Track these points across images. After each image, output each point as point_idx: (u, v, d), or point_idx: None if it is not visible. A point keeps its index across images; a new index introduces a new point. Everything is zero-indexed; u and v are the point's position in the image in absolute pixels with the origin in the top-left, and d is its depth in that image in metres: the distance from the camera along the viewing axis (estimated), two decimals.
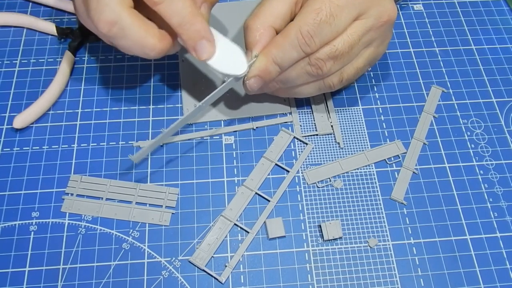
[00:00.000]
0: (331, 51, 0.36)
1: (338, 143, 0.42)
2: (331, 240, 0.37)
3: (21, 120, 0.41)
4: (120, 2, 0.34)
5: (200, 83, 0.44)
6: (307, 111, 0.43)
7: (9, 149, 0.41)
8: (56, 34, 0.46)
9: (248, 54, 0.37)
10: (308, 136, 0.42)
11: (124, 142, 0.41)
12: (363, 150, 0.41)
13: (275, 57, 0.36)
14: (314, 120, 0.43)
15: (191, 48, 0.36)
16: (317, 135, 0.42)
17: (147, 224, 0.38)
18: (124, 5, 0.34)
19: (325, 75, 0.37)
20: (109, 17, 0.33)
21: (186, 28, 0.35)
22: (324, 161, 0.41)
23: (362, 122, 0.43)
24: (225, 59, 0.37)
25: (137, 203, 0.38)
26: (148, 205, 0.38)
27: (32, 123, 0.42)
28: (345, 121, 0.43)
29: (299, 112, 0.43)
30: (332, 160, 0.41)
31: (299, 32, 0.35)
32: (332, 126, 0.42)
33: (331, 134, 0.42)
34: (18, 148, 0.41)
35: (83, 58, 0.46)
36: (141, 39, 0.35)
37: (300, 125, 0.42)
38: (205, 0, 0.38)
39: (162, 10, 0.34)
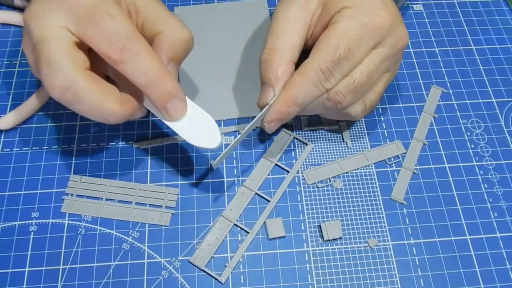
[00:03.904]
0: (350, 82, 0.35)
1: (346, 142, 0.42)
2: (331, 240, 0.37)
3: (5, 122, 0.41)
4: (74, 65, 0.30)
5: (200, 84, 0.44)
6: None
7: (9, 149, 0.41)
8: None
9: (269, 91, 0.36)
10: (313, 129, 0.42)
11: (124, 142, 0.41)
12: (363, 150, 0.41)
13: (296, 98, 0.35)
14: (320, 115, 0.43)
15: (161, 108, 0.33)
16: (322, 128, 0.42)
17: (147, 224, 0.38)
18: (79, 67, 0.30)
19: (344, 108, 0.37)
20: (61, 82, 0.30)
21: (154, 89, 0.31)
22: (324, 161, 0.41)
23: (362, 122, 0.43)
24: (196, 128, 0.34)
25: (137, 203, 0.38)
26: (148, 205, 0.38)
27: (29, 124, 0.42)
28: (345, 121, 0.43)
29: None
30: (332, 160, 0.41)
31: (319, 69, 0.34)
32: (340, 125, 0.42)
33: (337, 129, 0.42)
34: (18, 149, 0.41)
35: None
36: (98, 104, 0.31)
37: (307, 118, 0.43)
38: (172, 59, 0.34)
39: (125, 70, 0.31)
